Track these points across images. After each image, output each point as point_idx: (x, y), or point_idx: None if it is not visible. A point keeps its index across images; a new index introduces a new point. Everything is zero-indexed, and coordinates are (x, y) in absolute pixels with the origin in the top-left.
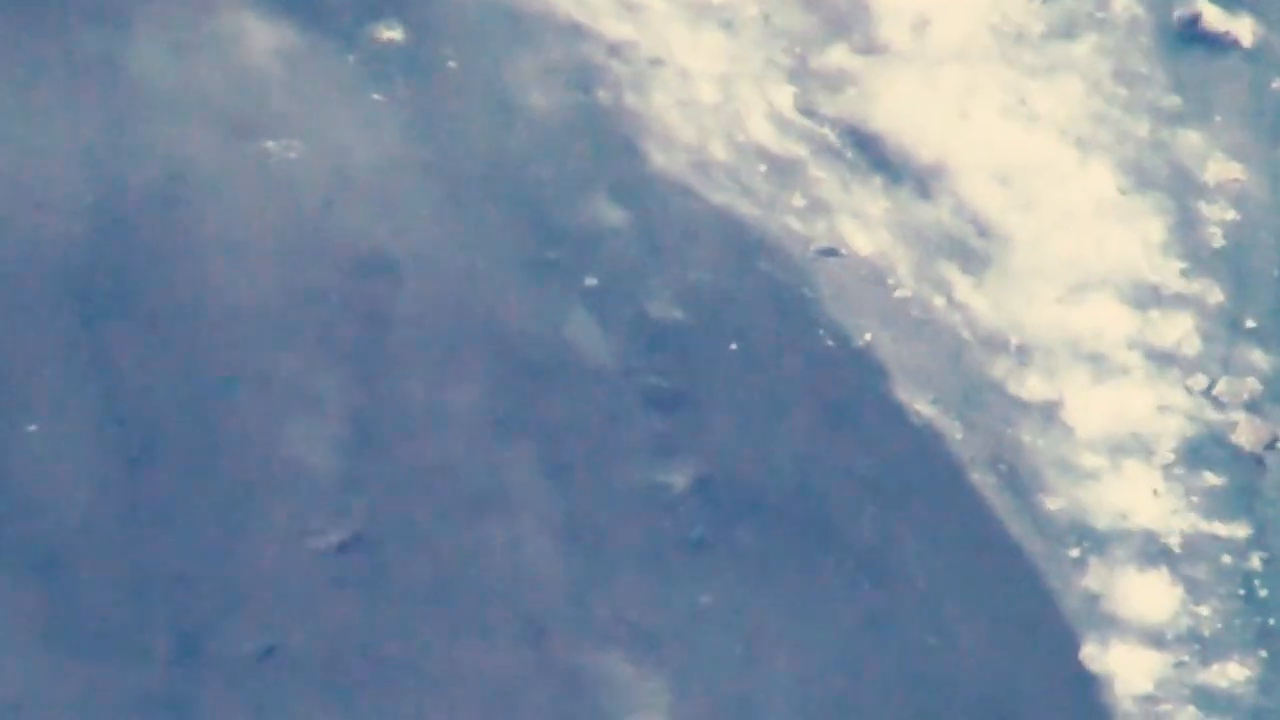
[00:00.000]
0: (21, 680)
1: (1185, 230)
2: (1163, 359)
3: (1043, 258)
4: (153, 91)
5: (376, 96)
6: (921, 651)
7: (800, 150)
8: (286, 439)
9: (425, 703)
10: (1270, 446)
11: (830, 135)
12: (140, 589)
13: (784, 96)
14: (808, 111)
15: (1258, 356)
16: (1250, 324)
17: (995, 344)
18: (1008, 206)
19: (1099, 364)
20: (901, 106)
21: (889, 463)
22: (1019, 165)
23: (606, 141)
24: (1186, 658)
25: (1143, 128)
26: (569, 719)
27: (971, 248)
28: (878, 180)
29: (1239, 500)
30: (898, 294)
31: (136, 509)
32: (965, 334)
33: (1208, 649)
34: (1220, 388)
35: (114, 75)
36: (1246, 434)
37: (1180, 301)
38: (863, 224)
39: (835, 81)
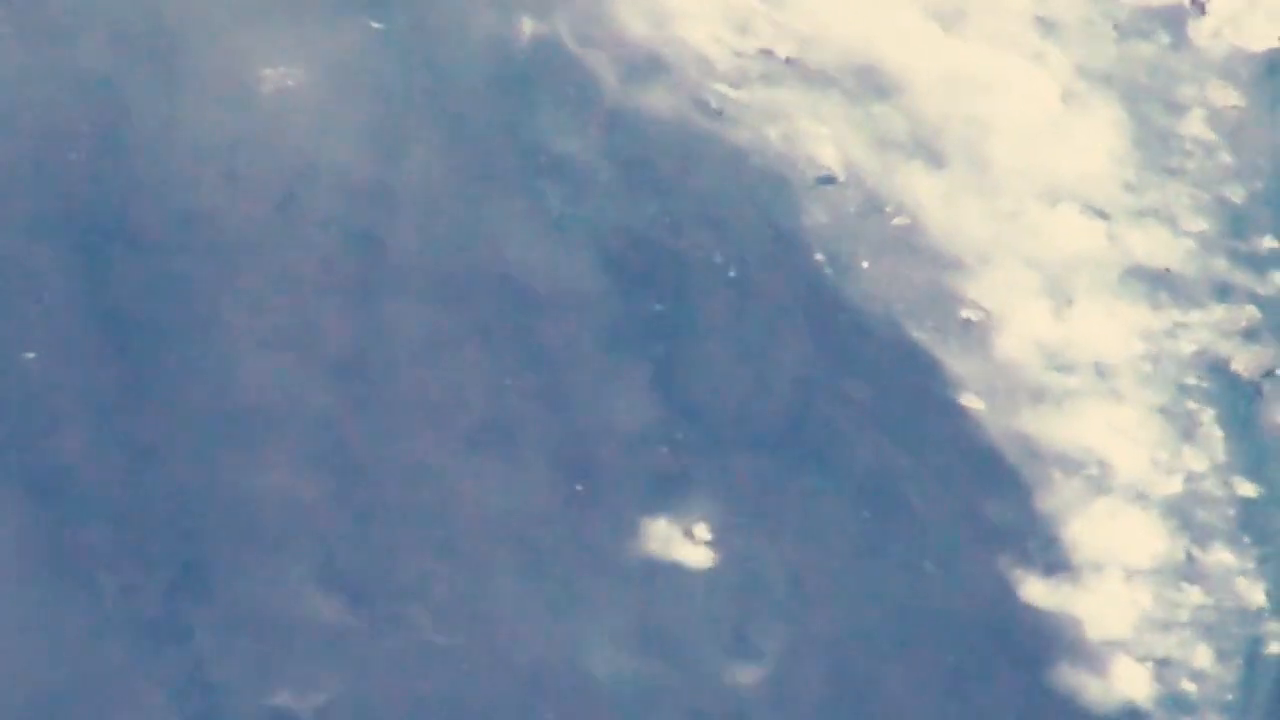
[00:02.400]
0: (23, 603)
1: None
2: (1154, 282)
3: (1015, 173)
4: (148, 17)
5: (375, 25)
6: (919, 578)
7: (765, 70)
8: (283, 368)
9: (429, 627)
10: (1269, 374)
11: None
12: (141, 516)
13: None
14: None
15: (1253, 282)
16: (1243, 248)
17: (972, 266)
18: (973, 121)
19: (1092, 286)
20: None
21: (886, 389)
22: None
23: (600, 73)
24: (1176, 587)
25: (1108, 38)
26: (564, 644)
27: (940, 160)
28: (838, 95)
29: (1234, 428)
30: (895, 221)
31: (134, 436)
32: (953, 258)
33: (1197, 578)
34: (1215, 314)
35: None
36: (1244, 361)
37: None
38: (834, 141)
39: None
